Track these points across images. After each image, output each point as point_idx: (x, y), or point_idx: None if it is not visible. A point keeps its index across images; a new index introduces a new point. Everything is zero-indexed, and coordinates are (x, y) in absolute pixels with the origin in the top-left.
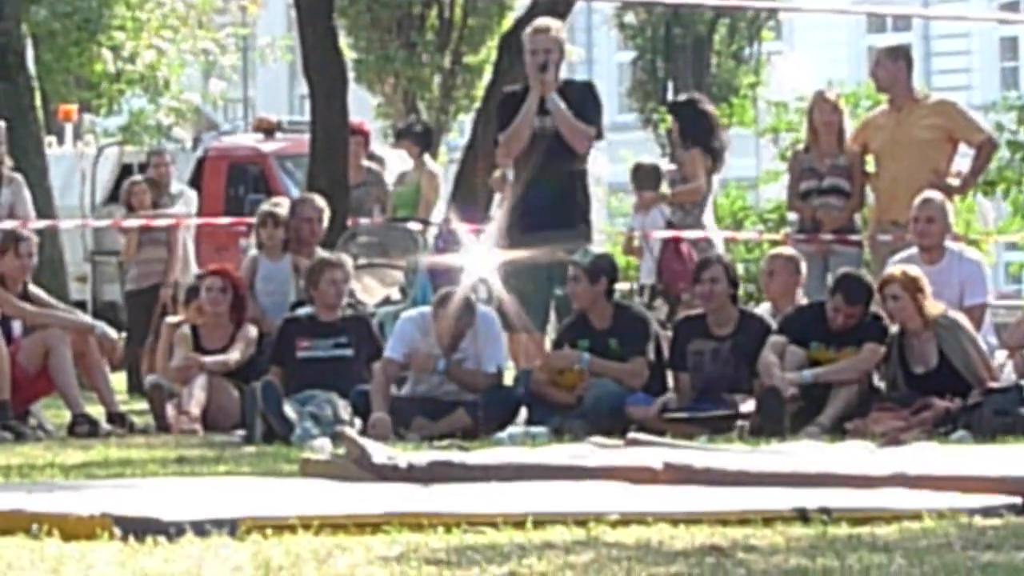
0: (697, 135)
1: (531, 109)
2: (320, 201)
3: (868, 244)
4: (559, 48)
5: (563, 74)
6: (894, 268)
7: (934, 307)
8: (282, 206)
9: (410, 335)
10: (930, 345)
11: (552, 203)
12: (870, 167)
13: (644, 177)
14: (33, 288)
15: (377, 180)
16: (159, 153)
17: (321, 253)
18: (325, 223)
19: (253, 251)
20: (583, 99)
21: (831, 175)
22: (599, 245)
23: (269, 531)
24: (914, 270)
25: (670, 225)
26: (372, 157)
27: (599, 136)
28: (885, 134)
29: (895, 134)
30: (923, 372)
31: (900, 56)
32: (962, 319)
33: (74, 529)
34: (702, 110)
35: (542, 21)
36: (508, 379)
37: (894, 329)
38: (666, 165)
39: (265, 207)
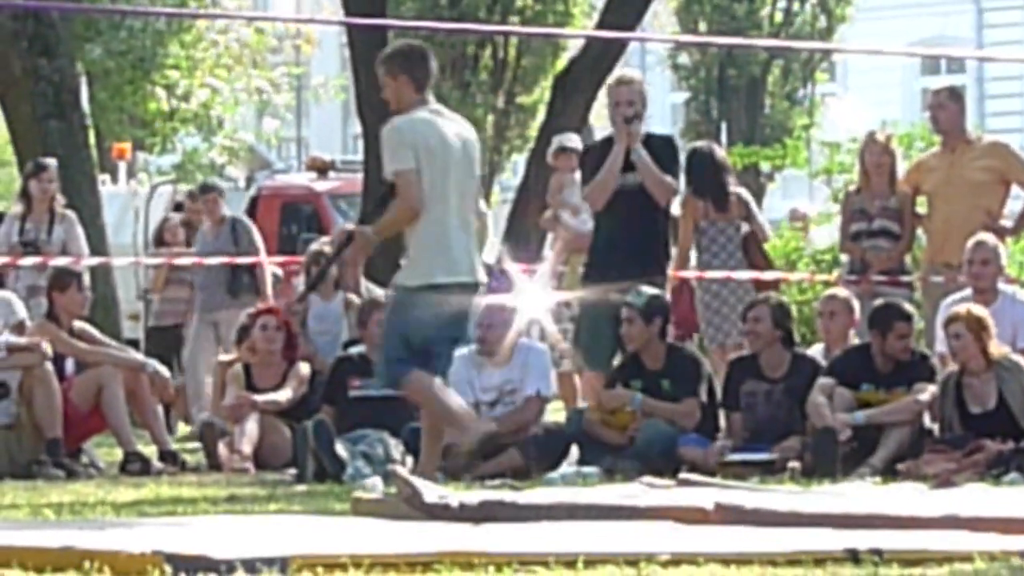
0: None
1: (616, 162)
2: (355, 227)
3: (920, 286)
4: (643, 100)
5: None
6: (959, 307)
7: (997, 348)
8: (328, 244)
9: (465, 374)
10: (990, 386)
11: (632, 255)
12: (922, 208)
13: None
14: (86, 326)
15: None
16: (212, 188)
17: (372, 290)
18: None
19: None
20: (664, 153)
21: (881, 217)
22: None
23: (320, 569)
24: (980, 310)
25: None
26: None
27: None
28: (938, 175)
29: (948, 175)
30: (980, 412)
31: (959, 97)
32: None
33: (125, 566)
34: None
35: (627, 73)
36: (556, 416)
37: (952, 367)
38: None
39: (314, 247)
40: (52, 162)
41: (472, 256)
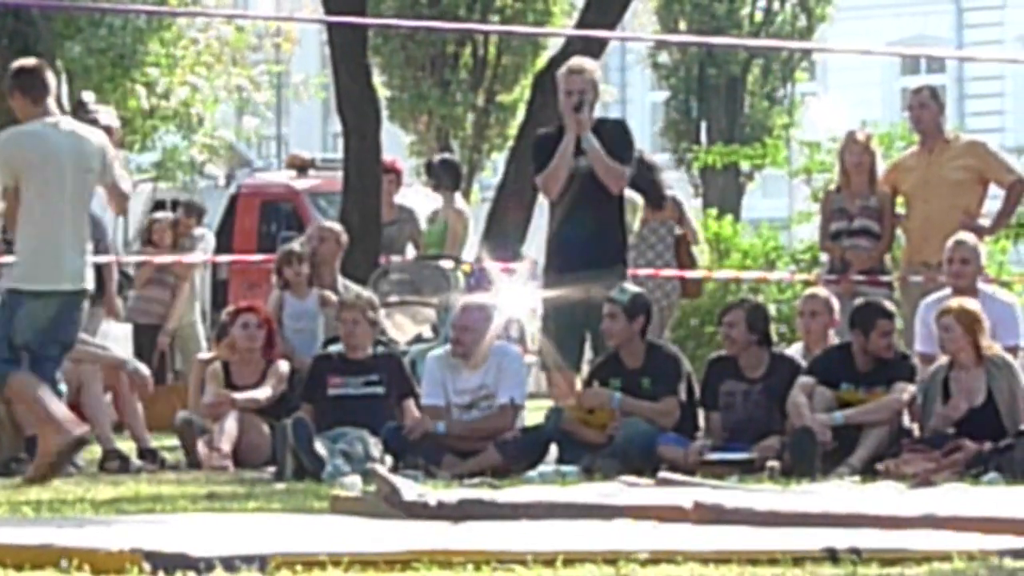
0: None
1: (568, 150)
2: (329, 224)
3: (899, 285)
4: (594, 88)
5: (597, 113)
6: (952, 300)
7: (989, 345)
8: (300, 242)
9: (440, 376)
10: (979, 382)
11: (588, 242)
12: (901, 208)
13: None
14: None
15: (410, 218)
16: (190, 206)
17: (349, 287)
18: (344, 241)
19: (276, 290)
20: (616, 138)
21: (861, 216)
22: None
23: (299, 567)
24: (973, 304)
25: None
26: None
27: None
28: (916, 175)
29: (926, 175)
30: (966, 408)
31: (938, 97)
32: (1014, 361)
33: (104, 564)
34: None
35: (577, 61)
36: (532, 417)
37: (942, 360)
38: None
39: (284, 248)
40: None
41: (83, 264)
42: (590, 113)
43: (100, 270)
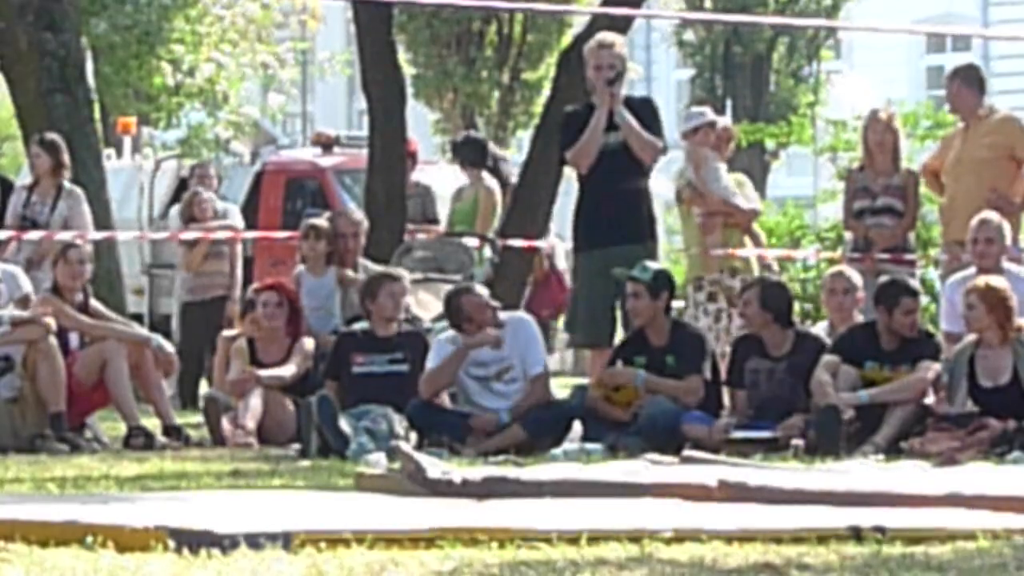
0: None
1: (600, 123)
2: (357, 215)
3: (941, 264)
4: (623, 63)
5: (623, 90)
6: (979, 279)
7: (1018, 325)
8: (325, 220)
9: (452, 350)
10: (1005, 361)
11: (619, 218)
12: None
13: None
14: (91, 300)
15: (425, 193)
16: (202, 165)
17: (369, 267)
18: (363, 238)
19: (299, 267)
20: (645, 114)
21: (884, 195)
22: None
23: (323, 545)
24: (1000, 282)
25: None
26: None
27: (664, 150)
28: (952, 154)
29: (959, 154)
30: (991, 387)
31: (979, 75)
32: None
33: (129, 541)
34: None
35: (606, 36)
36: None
37: (970, 338)
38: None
39: (309, 221)
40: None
41: None
42: (620, 87)
43: None
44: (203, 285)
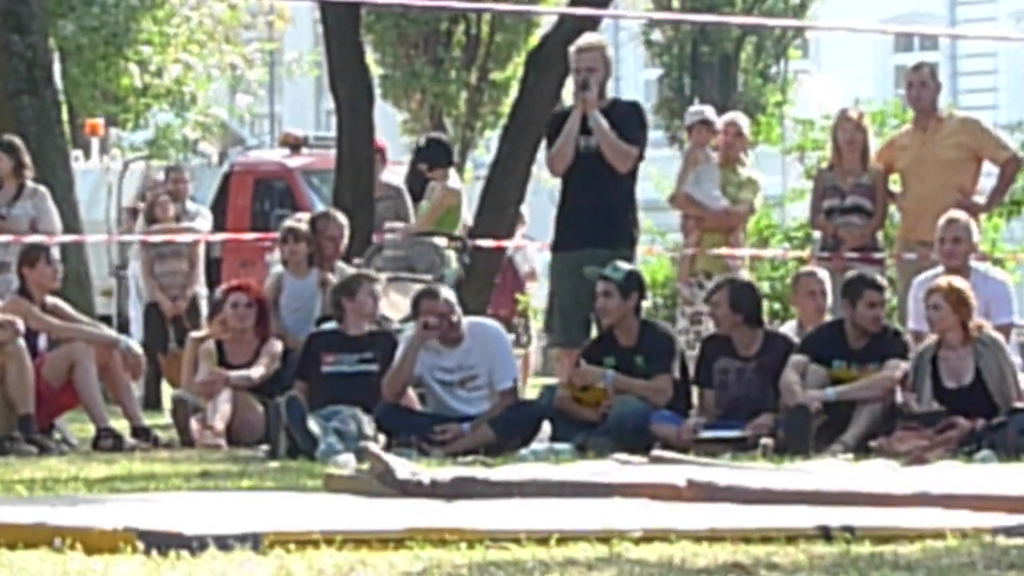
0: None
1: (573, 128)
2: (342, 218)
3: (894, 263)
4: (604, 66)
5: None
6: (941, 279)
7: (977, 324)
8: (303, 222)
9: (427, 361)
10: (967, 361)
11: (595, 221)
12: (895, 186)
13: None
14: (59, 302)
15: (396, 194)
16: (177, 169)
17: (343, 269)
18: (346, 240)
19: (277, 268)
20: (628, 118)
21: (853, 194)
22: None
23: (292, 546)
24: (961, 283)
25: None
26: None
27: (641, 156)
28: (910, 154)
29: (920, 154)
30: (955, 387)
31: (936, 76)
32: (1002, 339)
33: (97, 543)
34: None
35: (586, 39)
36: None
37: (931, 339)
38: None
39: (287, 223)
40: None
41: None
42: (598, 91)
43: None
44: (166, 284)
